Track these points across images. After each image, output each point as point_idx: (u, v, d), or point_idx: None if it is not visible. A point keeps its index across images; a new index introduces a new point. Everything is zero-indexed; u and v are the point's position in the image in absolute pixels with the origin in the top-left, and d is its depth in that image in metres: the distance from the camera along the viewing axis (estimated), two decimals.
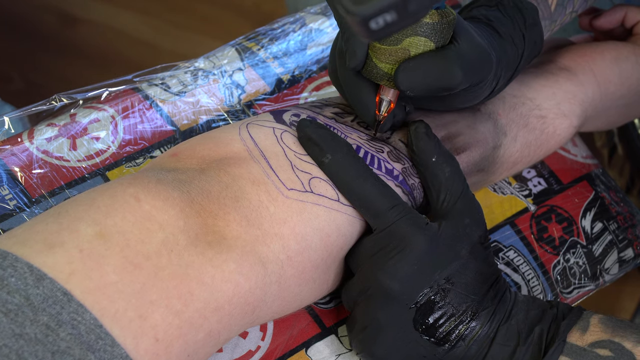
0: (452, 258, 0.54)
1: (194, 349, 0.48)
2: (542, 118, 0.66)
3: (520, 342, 0.53)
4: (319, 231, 0.53)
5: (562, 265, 0.69)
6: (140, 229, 0.47)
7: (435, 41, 0.53)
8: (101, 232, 0.46)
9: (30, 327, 0.42)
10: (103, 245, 0.45)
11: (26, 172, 0.62)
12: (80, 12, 1.56)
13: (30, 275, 0.43)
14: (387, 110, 0.56)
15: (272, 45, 0.74)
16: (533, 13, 0.59)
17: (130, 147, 0.65)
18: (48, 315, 0.42)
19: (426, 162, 0.57)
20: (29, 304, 0.42)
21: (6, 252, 0.44)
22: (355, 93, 0.57)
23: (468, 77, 0.54)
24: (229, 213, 0.50)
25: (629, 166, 1.02)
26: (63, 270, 0.44)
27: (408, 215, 0.54)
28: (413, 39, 0.53)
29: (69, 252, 0.45)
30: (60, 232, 0.46)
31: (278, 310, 0.54)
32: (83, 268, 0.44)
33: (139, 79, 0.69)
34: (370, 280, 0.53)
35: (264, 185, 0.52)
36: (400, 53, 0.53)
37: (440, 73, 0.53)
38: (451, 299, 0.53)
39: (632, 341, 0.52)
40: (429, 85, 0.53)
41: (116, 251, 0.45)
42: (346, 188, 0.54)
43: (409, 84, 0.53)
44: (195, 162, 0.53)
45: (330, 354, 0.59)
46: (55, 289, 0.43)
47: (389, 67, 0.54)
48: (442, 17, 0.52)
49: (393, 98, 0.56)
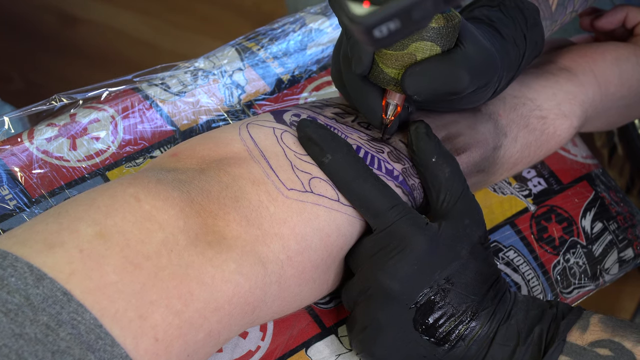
0: (452, 258, 0.54)
1: (194, 349, 0.48)
2: (543, 119, 0.66)
3: (520, 342, 0.53)
4: (319, 231, 0.53)
5: (562, 265, 0.69)
6: (140, 229, 0.47)
7: (442, 45, 0.53)
8: (101, 232, 0.46)
9: (30, 327, 0.42)
10: (103, 245, 0.45)
11: (26, 172, 0.62)
12: (80, 12, 1.56)
13: (30, 275, 0.43)
14: (394, 114, 0.56)
15: (272, 45, 0.74)
16: (534, 13, 0.59)
17: (130, 147, 0.65)
18: (48, 315, 0.42)
19: (426, 163, 0.57)
20: (29, 303, 0.42)
21: (6, 252, 0.44)
22: (361, 97, 0.57)
23: (475, 81, 0.54)
24: (229, 213, 0.50)
25: (629, 166, 1.02)
26: (63, 270, 0.44)
27: (408, 215, 0.54)
28: (419, 44, 0.53)
29: (69, 252, 0.45)
30: (60, 232, 0.46)
31: (278, 310, 0.54)
32: (83, 268, 0.44)
33: (139, 79, 0.69)
34: (370, 280, 0.53)
35: (264, 185, 0.52)
36: (406, 58, 0.53)
37: (447, 77, 0.53)
38: (451, 299, 0.53)
39: (632, 341, 0.52)
40: (436, 89, 0.53)
41: (116, 251, 0.45)
42: (346, 188, 0.54)
43: (416, 88, 0.53)
44: (195, 162, 0.53)
45: (330, 354, 0.59)
46: (55, 288, 0.43)
47: (395, 72, 0.54)
48: (448, 21, 0.52)
49: (400, 102, 0.56)
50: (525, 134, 0.66)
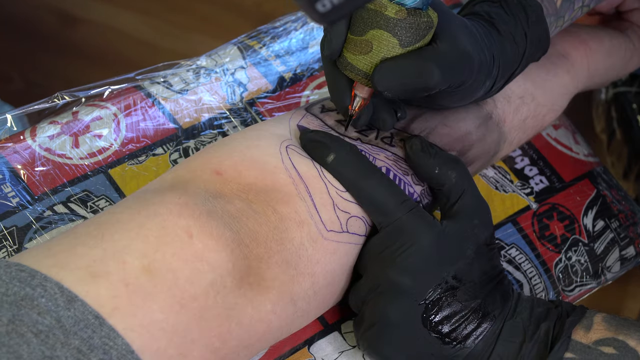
0: (459, 256, 0.54)
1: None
2: (537, 116, 0.66)
3: (527, 339, 0.53)
4: (345, 266, 0.54)
5: (563, 263, 0.69)
6: (192, 269, 0.46)
7: (400, 39, 0.51)
8: (149, 267, 0.45)
9: (61, 350, 0.41)
10: (151, 281, 0.44)
11: (29, 170, 0.62)
12: (80, 12, 1.56)
13: (60, 297, 0.42)
14: (359, 106, 0.55)
15: (274, 44, 0.74)
16: (537, 10, 0.58)
17: (133, 145, 0.65)
18: (79, 339, 0.41)
19: (430, 175, 0.56)
20: (60, 326, 0.41)
21: (35, 271, 0.43)
22: (331, 84, 0.56)
23: (446, 77, 0.52)
24: (272, 257, 0.50)
25: (626, 151, 1.02)
26: (106, 304, 0.43)
27: (415, 211, 0.54)
28: (376, 32, 0.51)
29: (114, 284, 0.43)
30: (104, 261, 0.44)
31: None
32: (128, 304, 0.43)
33: (141, 77, 0.69)
34: (380, 277, 0.53)
35: (307, 227, 0.52)
36: (364, 45, 0.52)
37: (417, 72, 0.52)
38: (459, 297, 0.53)
39: (635, 339, 0.52)
40: (405, 85, 0.52)
41: (164, 289, 0.45)
42: (352, 185, 0.54)
43: (386, 84, 0.52)
44: (242, 189, 0.51)
45: (333, 351, 0.59)
46: (87, 311, 0.42)
47: (357, 61, 0.53)
48: (412, 16, 0.51)
49: (366, 95, 0.55)
50: (520, 135, 0.66)
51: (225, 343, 0.47)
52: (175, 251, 0.46)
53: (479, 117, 0.62)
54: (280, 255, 0.50)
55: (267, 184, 0.52)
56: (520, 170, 0.73)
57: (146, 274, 0.44)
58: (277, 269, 0.50)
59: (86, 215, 0.61)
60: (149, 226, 0.47)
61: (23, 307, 0.41)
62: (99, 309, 0.42)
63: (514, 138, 0.65)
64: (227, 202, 0.50)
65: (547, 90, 0.66)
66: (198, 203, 0.49)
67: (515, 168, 0.73)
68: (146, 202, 0.49)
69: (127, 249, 0.45)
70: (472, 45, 0.54)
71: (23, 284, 0.42)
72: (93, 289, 0.43)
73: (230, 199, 0.50)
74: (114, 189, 0.62)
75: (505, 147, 0.65)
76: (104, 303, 0.43)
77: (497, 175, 0.72)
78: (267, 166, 0.53)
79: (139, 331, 0.43)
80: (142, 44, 1.54)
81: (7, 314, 0.41)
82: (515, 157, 0.73)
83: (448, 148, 0.60)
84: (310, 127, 0.57)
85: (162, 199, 0.49)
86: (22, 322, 0.41)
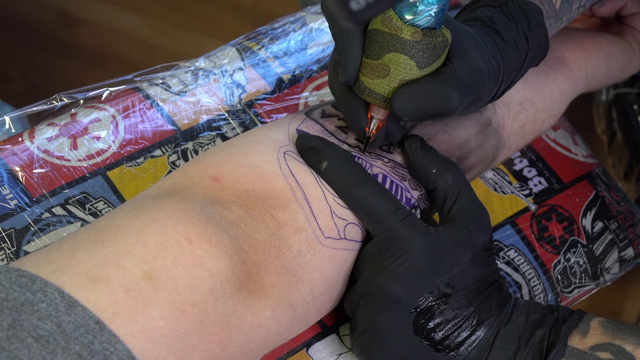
0: (453, 263, 0.54)
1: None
2: (536, 122, 0.66)
3: (521, 346, 0.53)
4: (343, 272, 0.55)
5: (562, 265, 0.69)
6: (191, 275, 0.46)
7: (417, 61, 0.51)
8: (149, 273, 0.45)
9: (61, 355, 0.41)
10: (151, 287, 0.44)
11: (27, 172, 0.62)
12: (80, 12, 1.56)
13: (61, 302, 0.42)
14: (376, 129, 0.55)
15: (272, 45, 0.74)
16: (537, 15, 0.58)
17: (131, 147, 0.65)
18: (80, 344, 0.41)
19: (427, 176, 0.56)
20: (61, 331, 0.41)
21: (35, 276, 0.43)
22: (347, 107, 0.56)
23: (465, 100, 0.53)
24: (271, 263, 0.50)
25: (627, 152, 1.02)
26: (107, 309, 0.43)
27: (408, 219, 0.53)
28: (392, 55, 0.51)
29: (114, 290, 0.43)
30: (104, 266, 0.44)
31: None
32: (128, 310, 0.43)
33: (139, 78, 0.69)
34: (371, 284, 0.53)
35: (305, 233, 0.52)
36: (381, 69, 0.52)
37: (437, 99, 0.52)
38: (452, 305, 0.53)
39: (632, 343, 0.52)
40: (425, 111, 0.52)
41: (164, 295, 0.45)
42: (345, 193, 0.54)
43: (405, 110, 0.52)
44: (239, 196, 0.51)
45: (331, 353, 0.59)
46: (88, 317, 0.42)
47: (373, 84, 0.53)
48: (427, 37, 0.51)
49: (383, 117, 0.55)
50: (518, 141, 0.66)
51: (225, 349, 0.48)
52: (175, 257, 0.46)
53: (479, 123, 0.62)
54: (279, 262, 0.50)
55: (264, 191, 0.52)
56: (519, 171, 0.73)
57: (146, 280, 0.44)
58: (275, 276, 0.50)
59: (84, 217, 0.61)
60: (148, 232, 0.47)
61: (23, 312, 0.41)
62: (99, 315, 0.42)
63: (512, 144, 0.65)
64: (225, 209, 0.50)
65: (546, 96, 0.66)
66: (197, 209, 0.49)
67: (514, 169, 0.73)
68: (145, 208, 0.49)
69: (127, 255, 0.45)
70: (484, 60, 0.54)
71: (23, 289, 0.42)
72: (93, 295, 0.43)
73: (228, 205, 0.50)
74: (112, 191, 0.62)
75: (503, 152, 0.65)
76: (105, 308, 0.43)
77: (496, 176, 0.72)
78: (265, 172, 0.53)
79: (140, 337, 0.43)
80: (142, 43, 1.54)
81: (8, 319, 0.41)
82: (514, 158, 0.73)
83: (447, 155, 0.60)
84: (310, 132, 0.57)
85: (161, 205, 0.49)
86: (22, 327, 0.41)
